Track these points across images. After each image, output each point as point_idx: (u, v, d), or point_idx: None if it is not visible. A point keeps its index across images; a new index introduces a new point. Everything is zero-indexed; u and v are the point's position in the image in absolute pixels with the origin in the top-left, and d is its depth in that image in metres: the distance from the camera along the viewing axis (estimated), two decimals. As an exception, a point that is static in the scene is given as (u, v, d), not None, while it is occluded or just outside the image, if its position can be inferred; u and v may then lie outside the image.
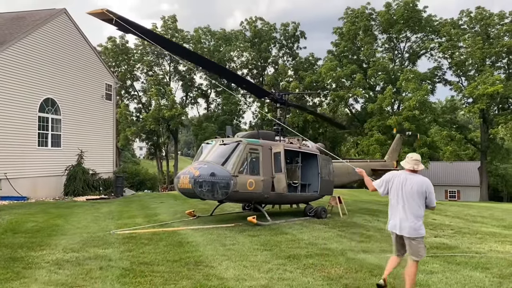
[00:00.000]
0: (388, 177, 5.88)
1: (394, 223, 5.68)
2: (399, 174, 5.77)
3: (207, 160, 11.62)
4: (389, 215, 5.83)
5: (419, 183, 5.54)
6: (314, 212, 13.28)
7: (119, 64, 53.41)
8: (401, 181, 5.63)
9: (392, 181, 5.76)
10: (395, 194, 5.68)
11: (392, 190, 5.73)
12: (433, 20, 50.45)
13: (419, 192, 5.50)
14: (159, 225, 11.37)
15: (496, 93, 42.01)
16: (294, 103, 15.44)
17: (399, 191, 5.61)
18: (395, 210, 5.67)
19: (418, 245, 5.56)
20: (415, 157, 5.73)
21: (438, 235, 10.52)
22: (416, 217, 5.50)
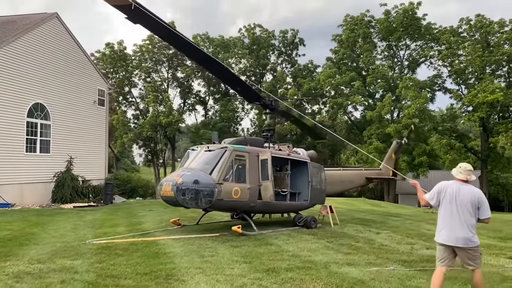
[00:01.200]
0: (439, 188, 5.88)
1: (447, 234, 5.64)
2: (451, 185, 5.77)
3: (191, 167, 11.19)
4: (439, 227, 5.84)
5: (473, 193, 5.62)
6: (304, 221, 12.80)
7: (117, 70, 53.14)
8: (454, 192, 5.65)
9: (444, 191, 5.76)
10: (448, 205, 5.68)
11: (445, 201, 5.74)
12: (432, 28, 50.18)
13: (473, 203, 5.56)
14: (140, 235, 10.92)
15: (496, 101, 41.55)
16: (283, 109, 14.91)
17: (453, 201, 5.62)
18: (448, 221, 5.66)
19: (474, 254, 5.58)
20: (469, 167, 5.83)
21: (430, 247, 10.01)
22: (470, 227, 5.53)
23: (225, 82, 13.91)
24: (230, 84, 13.53)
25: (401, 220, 15.58)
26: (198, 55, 12.05)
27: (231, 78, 13.01)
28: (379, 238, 11.23)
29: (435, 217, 17.13)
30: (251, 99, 14.33)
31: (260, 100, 14.06)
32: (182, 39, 10.57)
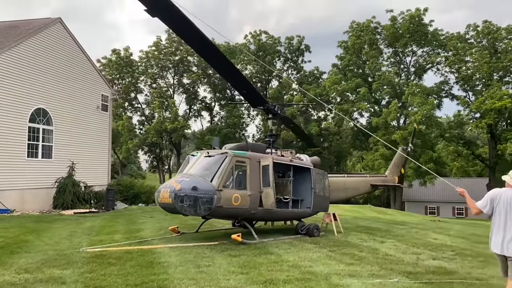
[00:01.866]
0: (492, 195, 5.66)
1: (497, 241, 5.47)
2: (505, 192, 5.56)
3: (190, 173, 10.90)
4: (493, 235, 5.59)
5: None
6: (306, 229, 12.43)
7: (123, 76, 53.32)
8: (508, 199, 5.46)
9: (498, 199, 5.55)
10: (502, 212, 5.47)
11: (498, 208, 5.53)
12: (439, 34, 49.81)
13: None
14: (137, 242, 10.63)
15: (504, 108, 40.99)
16: (285, 115, 14.57)
17: (508, 209, 5.43)
18: (502, 229, 5.44)
19: None
20: None
21: (436, 257, 9.65)
22: None
23: (233, 83, 13.45)
24: (237, 85, 13.16)
25: (407, 229, 15.15)
26: (213, 55, 11.68)
27: (240, 80, 12.67)
28: (383, 247, 10.86)
29: (442, 225, 16.74)
30: (256, 103, 13.98)
31: (264, 105, 13.77)
32: (200, 37, 10.29)
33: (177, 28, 10.76)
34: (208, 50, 11.43)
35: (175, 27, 10.60)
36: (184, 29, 10.47)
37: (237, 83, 12.98)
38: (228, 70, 12.25)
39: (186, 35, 10.97)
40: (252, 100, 13.80)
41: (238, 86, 13.23)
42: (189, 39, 11.20)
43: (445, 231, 15.05)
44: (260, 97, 13.64)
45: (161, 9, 9.45)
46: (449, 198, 53.54)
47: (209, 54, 11.79)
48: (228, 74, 12.62)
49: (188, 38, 11.25)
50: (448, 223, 18.88)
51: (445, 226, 16.77)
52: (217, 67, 12.48)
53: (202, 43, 10.81)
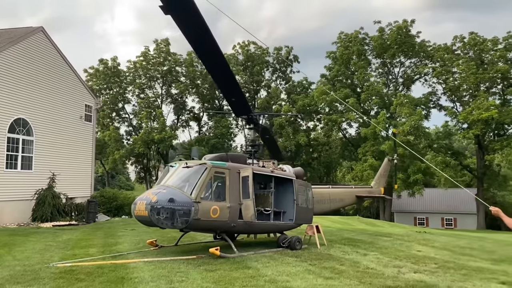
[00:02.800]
0: None
1: None
2: None
3: (167, 184, 10.61)
4: None
5: None
6: (288, 242, 12.13)
7: (110, 86, 52.99)
8: None
9: None
10: None
11: None
12: (426, 46, 50.35)
13: None
14: (111, 257, 10.27)
15: (491, 118, 41.35)
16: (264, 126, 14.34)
17: None
18: None
19: None
20: None
21: (418, 271, 9.42)
22: None
23: (226, 89, 13.10)
24: (229, 92, 12.87)
25: (392, 241, 14.93)
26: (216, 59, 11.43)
27: (233, 86, 12.43)
28: (365, 260, 10.62)
29: (427, 237, 16.55)
30: (242, 112, 13.70)
31: (248, 114, 13.55)
32: (209, 37, 10.12)
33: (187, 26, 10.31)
34: (212, 53, 11.15)
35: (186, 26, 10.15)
36: (195, 28, 10.18)
37: (229, 90, 12.73)
38: (225, 75, 12.01)
39: (195, 35, 10.55)
40: (238, 108, 13.51)
41: (229, 93, 12.94)
42: (197, 39, 10.71)
43: (430, 242, 14.85)
44: (247, 105, 13.45)
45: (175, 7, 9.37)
46: (438, 209, 53.65)
47: (212, 57, 11.43)
48: (223, 79, 12.34)
49: (196, 38, 10.73)
50: (434, 234, 18.68)
51: (431, 237, 16.57)
52: (215, 71, 12.14)
53: (209, 44, 10.58)
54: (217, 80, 12.68)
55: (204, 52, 11.28)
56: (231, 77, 12.21)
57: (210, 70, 12.17)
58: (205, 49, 11.06)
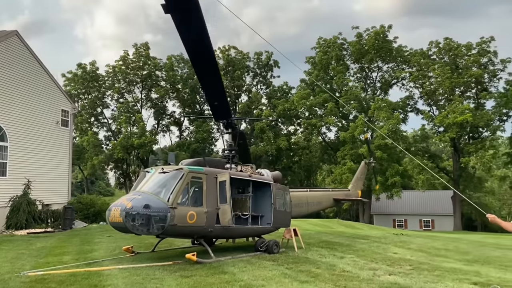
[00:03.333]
0: None
1: None
2: None
3: (142, 190, 10.51)
4: None
5: None
6: (266, 246, 12.16)
7: (88, 91, 52.27)
8: None
9: None
10: None
11: None
12: (403, 51, 51.27)
13: None
14: (86, 264, 10.12)
15: (466, 122, 42.31)
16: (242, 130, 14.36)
17: None
18: None
19: None
20: None
21: (393, 273, 9.56)
22: None
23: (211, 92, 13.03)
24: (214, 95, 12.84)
25: (369, 243, 15.10)
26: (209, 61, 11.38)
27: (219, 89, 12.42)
28: (341, 263, 10.72)
29: (404, 239, 16.78)
30: (222, 116, 13.69)
31: (228, 118, 13.58)
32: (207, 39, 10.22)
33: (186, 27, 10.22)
34: (206, 56, 11.10)
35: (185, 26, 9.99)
36: (194, 29, 10.17)
37: (215, 93, 12.71)
38: (214, 78, 12.01)
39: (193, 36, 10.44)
40: (220, 112, 13.48)
41: (214, 96, 12.91)
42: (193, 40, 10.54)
43: (406, 244, 15.08)
44: (229, 110, 13.47)
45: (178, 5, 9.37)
46: (416, 211, 54.48)
47: (205, 60, 11.34)
48: (212, 82, 12.31)
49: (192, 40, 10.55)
50: (411, 236, 18.97)
51: (407, 239, 16.82)
52: (205, 74, 12.05)
53: (204, 46, 10.57)
54: (205, 83, 12.57)
55: (198, 54, 11.22)
56: (220, 80, 12.27)
57: (200, 72, 12.06)
58: (200, 51, 11.02)
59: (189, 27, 10.09)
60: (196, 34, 10.27)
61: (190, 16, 9.64)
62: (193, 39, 10.52)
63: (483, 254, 13.09)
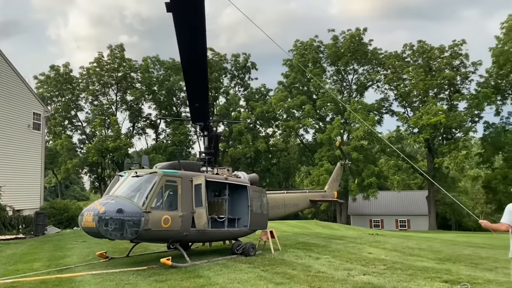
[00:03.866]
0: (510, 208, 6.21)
1: None
2: None
3: (115, 194, 10.34)
4: None
5: None
6: (242, 249, 12.12)
7: (62, 93, 51.24)
8: None
9: None
10: None
11: None
12: (378, 53, 52.09)
13: None
14: (57, 271, 9.88)
15: (439, 123, 43.25)
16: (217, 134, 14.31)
17: None
18: None
19: None
20: None
21: (367, 273, 9.66)
22: None
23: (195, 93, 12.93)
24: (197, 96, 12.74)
25: (344, 243, 15.25)
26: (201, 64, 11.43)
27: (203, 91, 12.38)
28: (317, 264, 10.77)
29: (379, 239, 16.96)
30: (201, 118, 13.60)
31: (206, 120, 13.53)
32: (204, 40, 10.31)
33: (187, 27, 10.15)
34: (200, 57, 11.05)
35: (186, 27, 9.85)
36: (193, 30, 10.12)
37: (199, 94, 12.64)
38: (202, 80, 11.96)
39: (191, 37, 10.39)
40: (198, 114, 13.39)
41: (197, 97, 12.80)
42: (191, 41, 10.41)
43: (381, 244, 15.28)
44: (208, 112, 13.41)
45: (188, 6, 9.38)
46: (392, 211, 55.33)
47: (197, 61, 11.27)
48: (199, 83, 12.24)
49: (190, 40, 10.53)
50: (386, 236, 19.26)
51: (382, 239, 17.05)
52: (194, 75, 11.95)
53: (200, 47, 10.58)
54: (192, 84, 12.43)
55: (194, 55, 11.11)
56: (207, 82, 12.24)
57: (190, 73, 11.93)
58: (195, 52, 10.94)
59: (190, 28, 10.04)
60: (195, 34, 10.24)
61: (194, 17, 9.61)
62: (191, 39, 10.46)
63: (455, 253, 13.38)
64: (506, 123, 48.42)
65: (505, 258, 11.99)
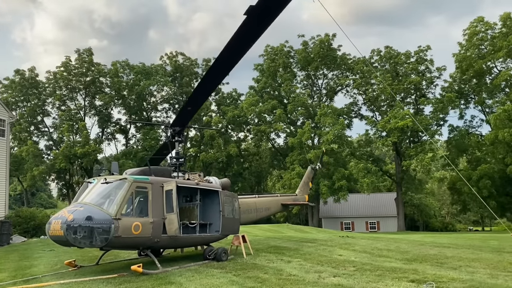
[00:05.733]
0: None
1: None
2: None
3: (84, 201, 10.18)
4: None
5: None
6: (214, 254, 12.12)
7: (27, 98, 49.82)
8: None
9: None
10: None
11: None
12: (347, 58, 53.08)
13: None
14: (23, 281, 9.63)
15: (406, 127, 44.40)
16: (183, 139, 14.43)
17: None
18: None
19: None
20: None
21: (337, 274, 9.85)
22: None
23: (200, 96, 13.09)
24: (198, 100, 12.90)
25: (315, 246, 15.46)
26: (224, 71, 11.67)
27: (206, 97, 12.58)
28: (288, 267, 10.90)
29: (349, 241, 17.30)
30: (180, 123, 13.64)
31: (185, 126, 13.63)
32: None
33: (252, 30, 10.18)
34: (235, 60, 11.19)
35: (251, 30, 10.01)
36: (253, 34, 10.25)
37: (201, 97, 12.83)
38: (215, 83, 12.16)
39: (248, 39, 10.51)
40: (182, 118, 13.46)
41: (197, 100, 12.94)
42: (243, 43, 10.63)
43: (351, 246, 15.57)
44: (190, 119, 13.51)
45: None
46: (362, 213, 56.35)
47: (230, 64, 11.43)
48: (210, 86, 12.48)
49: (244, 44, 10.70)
50: (355, 238, 19.63)
51: (352, 241, 17.37)
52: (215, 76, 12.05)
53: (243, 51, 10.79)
54: (205, 86, 12.48)
55: (233, 57, 11.13)
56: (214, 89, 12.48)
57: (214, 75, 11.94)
58: (237, 55, 11.05)
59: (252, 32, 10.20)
60: (252, 39, 10.45)
61: (264, 24, 9.87)
62: (244, 43, 10.59)
63: (421, 253, 13.77)
64: (469, 126, 50.17)
65: (469, 256, 12.50)
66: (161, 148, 15.59)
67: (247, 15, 9.25)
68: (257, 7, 9.07)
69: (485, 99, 47.48)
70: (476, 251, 14.13)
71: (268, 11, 9.49)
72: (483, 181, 43.08)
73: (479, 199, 36.50)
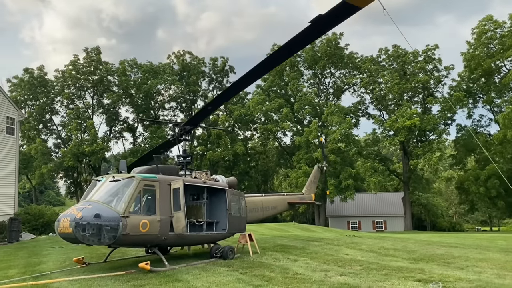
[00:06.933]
0: None
1: None
2: None
3: (93, 199, 10.29)
4: None
5: None
6: (221, 252, 12.20)
7: (36, 97, 50.22)
8: None
9: None
10: None
11: None
12: (354, 57, 52.90)
13: None
14: (33, 277, 9.76)
15: (414, 126, 44.20)
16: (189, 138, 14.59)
17: None
18: None
19: None
20: None
21: (343, 273, 9.88)
22: None
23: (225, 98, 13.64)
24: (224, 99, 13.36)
25: (322, 245, 15.48)
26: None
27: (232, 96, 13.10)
28: (295, 266, 10.94)
29: (356, 240, 17.32)
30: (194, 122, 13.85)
31: (196, 125, 13.86)
32: None
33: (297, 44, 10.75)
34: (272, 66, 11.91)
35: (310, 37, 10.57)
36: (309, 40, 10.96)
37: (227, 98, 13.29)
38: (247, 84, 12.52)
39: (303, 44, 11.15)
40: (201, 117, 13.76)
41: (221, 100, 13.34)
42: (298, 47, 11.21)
43: (357, 245, 15.56)
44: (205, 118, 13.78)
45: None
46: (369, 212, 56.20)
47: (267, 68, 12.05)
48: (242, 87, 12.87)
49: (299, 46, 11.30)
50: (362, 237, 19.59)
51: (359, 241, 17.35)
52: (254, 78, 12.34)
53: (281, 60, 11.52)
54: (239, 86, 12.76)
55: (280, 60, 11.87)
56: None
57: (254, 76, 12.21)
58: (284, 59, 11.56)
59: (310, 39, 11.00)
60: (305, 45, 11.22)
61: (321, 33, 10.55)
62: (297, 48, 11.28)
63: (428, 252, 13.74)
64: (477, 125, 49.83)
65: (476, 256, 12.45)
66: (163, 144, 15.77)
67: (312, 23, 9.42)
68: (326, 17, 9.19)
69: (494, 98, 47.09)
70: (483, 251, 14.06)
71: (333, 22, 9.77)
72: (492, 181, 42.76)
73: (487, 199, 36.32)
